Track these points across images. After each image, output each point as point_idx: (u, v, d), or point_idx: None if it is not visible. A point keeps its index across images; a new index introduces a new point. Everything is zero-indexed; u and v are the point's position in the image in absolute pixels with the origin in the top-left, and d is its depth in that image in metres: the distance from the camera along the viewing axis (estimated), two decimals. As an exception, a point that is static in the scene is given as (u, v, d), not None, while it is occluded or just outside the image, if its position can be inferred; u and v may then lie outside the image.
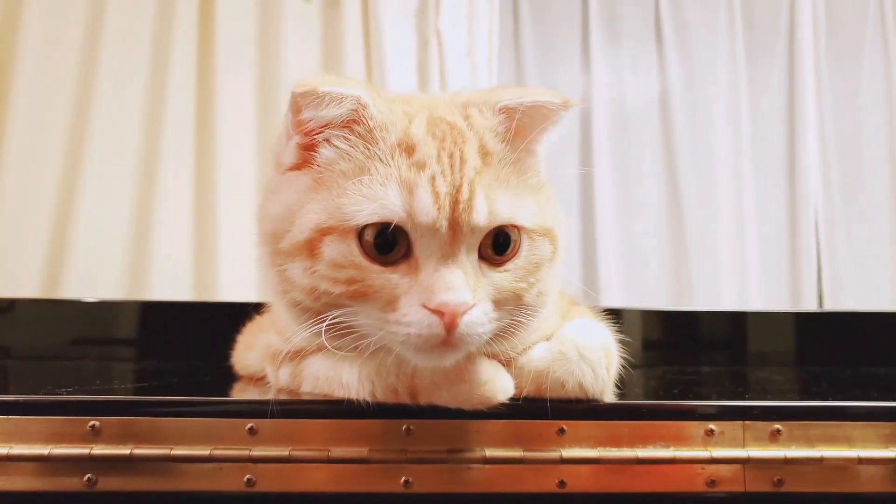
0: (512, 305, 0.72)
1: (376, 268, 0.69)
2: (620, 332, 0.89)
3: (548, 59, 2.13)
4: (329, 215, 0.69)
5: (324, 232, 0.69)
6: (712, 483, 0.81)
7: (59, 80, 1.76)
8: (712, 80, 2.11)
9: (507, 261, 0.72)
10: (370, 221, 0.68)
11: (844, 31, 2.16)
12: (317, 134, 0.73)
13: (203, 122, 1.82)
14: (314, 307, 0.71)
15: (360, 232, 0.68)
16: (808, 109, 2.09)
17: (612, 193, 2.06)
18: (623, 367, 0.88)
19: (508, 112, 0.74)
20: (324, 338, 0.71)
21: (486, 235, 0.71)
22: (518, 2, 2.12)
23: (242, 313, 1.19)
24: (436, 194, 0.67)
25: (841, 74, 2.14)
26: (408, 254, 0.69)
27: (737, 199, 2.07)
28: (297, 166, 0.75)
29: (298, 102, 0.71)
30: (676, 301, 2.02)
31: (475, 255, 0.70)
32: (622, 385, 0.90)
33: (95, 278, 1.71)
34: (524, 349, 0.84)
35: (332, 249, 0.69)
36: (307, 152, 0.74)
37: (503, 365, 0.81)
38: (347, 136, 0.71)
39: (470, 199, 0.68)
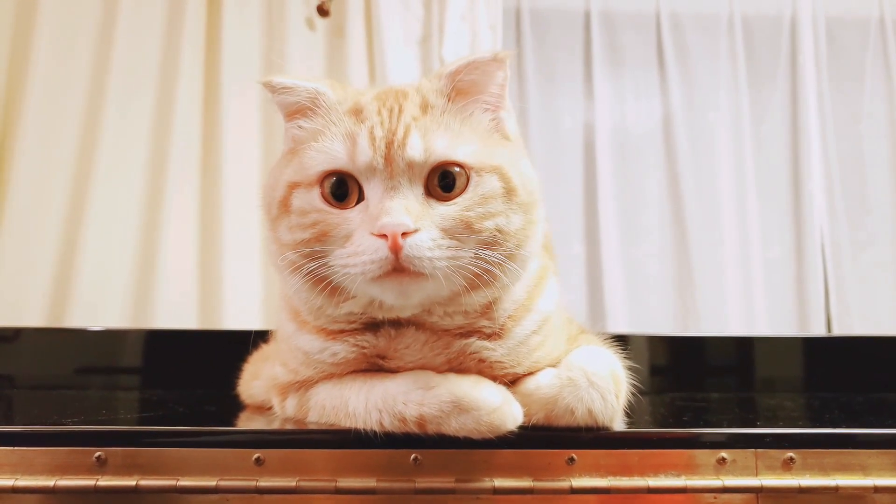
0: (468, 237, 0.77)
1: (336, 210, 0.79)
2: (628, 358, 0.89)
3: (550, 85, 2.14)
4: (295, 173, 0.82)
5: (292, 187, 0.82)
6: (725, 512, 0.79)
7: (65, 114, 1.78)
8: (714, 105, 2.12)
9: (456, 196, 0.79)
10: (323, 169, 0.80)
11: (846, 55, 2.17)
12: (291, 118, 0.86)
13: (208, 155, 1.83)
14: (301, 263, 0.80)
15: (322, 184, 0.80)
16: (812, 133, 2.09)
17: (616, 219, 2.06)
18: (632, 393, 0.88)
19: (451, 75, 0.83)
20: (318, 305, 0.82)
21: (432, 174, 0.79)
22: (520, 29, 2.14)
23: (248, 342, 1.18)
24: (372, 138, 0.78)
25: (843, 99, 2.15)
26: (361, 198, 0.79)
27: (741, 223, 2.06)
28: (291, 151, 0.87)
29: (266, 90, 0.85)
30: (682, 326, 2.01)
31: (420, 190, 0.78)
32: (631, 412, 0.89)
33: (100, 307, 1.71)
34: (530, 372, 0.84)
35: (299, 200, 0.81)
36: (293, 137, 0.87)
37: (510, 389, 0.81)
38: (312, 116, 0.84)
39: (404, 138, 0.78)
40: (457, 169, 0.79)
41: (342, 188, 0.79)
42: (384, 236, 0.73)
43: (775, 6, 2.16)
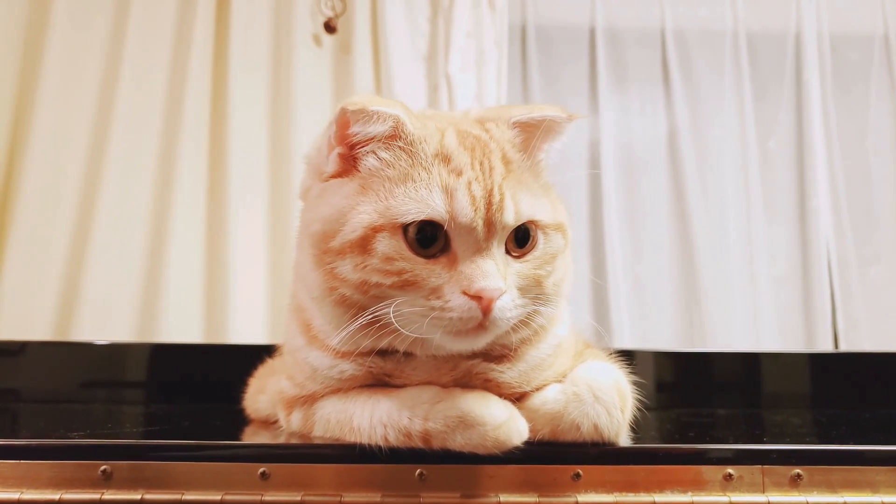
0: (534, 293, 0.80)
1: (421, 260, 0.76)
2: (634, 373, 0.89)
3: (555, 101, 2.15)
4: (380, 215, 0.77)
5: (376, 230, 0.76)
6: (732, 529, 0.79)
7: (74, 129, 1.79)
8: (720, 121, 2.12)
9: (528, 252, 0.81)
10: (418, 220, 0.76)
11: (850, 71, 2.18)
12: (362, 146, 0.81)
13: (216, 169, 1.84)
14: (361, 301, 0.78)
15: (405, 229, 0.76)
16: (817, 149, 2.09)
17: (621, 234, 2.06)
18: (637, 409, 0.88)
19: (522, 126, 0.84)
20: (354, 335, 0.78)
21: (512, 231, 0.79)
22: (526, 45, 2.15)
23: (253, 356, 1.19)
24: (472, 197, 0.76)
25: (848, 114, 2.15)
26: (445, 248, 0.77)
27: (748, 239, 2.06)
28: (339, 174, 0.83)
29: (348, 118, 0.79)
30: (688, 342, 2.00)
31: (503, 248, 0.79)
32: (637, 428, 0.89)
33: (106, 321, 1.71)
34: (537, 388, 0.84)
35: (383, 245, 0.76)
36: (349, 161, 0.82)
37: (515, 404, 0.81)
38: (390, 147, 0.80)
39: (501, 201, 0.77)
40: (531, 225, 0.81)
41: (428, 233, 0.77)
42: (478, 298, 0.74)
43: (780, 22, 2.17)
